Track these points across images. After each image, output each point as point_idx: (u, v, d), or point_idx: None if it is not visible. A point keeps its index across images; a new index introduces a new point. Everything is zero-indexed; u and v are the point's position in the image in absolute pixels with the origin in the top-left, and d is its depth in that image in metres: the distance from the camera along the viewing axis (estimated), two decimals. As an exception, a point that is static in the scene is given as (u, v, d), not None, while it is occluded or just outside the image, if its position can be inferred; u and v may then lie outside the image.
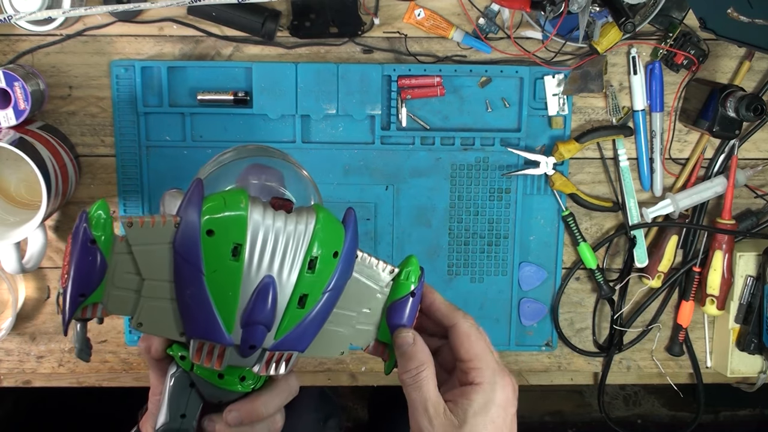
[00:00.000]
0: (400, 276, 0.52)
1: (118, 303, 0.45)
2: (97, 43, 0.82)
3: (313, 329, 0.49)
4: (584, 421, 1.77)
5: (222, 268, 0.45)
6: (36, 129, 0.80)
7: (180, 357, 0.48)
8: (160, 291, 0.45)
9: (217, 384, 0.48)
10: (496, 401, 0.50)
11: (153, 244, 0.45)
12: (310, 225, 0.46)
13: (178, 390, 0.48)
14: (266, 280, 0.45)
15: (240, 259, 0.45)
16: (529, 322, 0.90)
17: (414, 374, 0.50)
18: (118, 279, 0.45)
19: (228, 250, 0.45)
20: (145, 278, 0.45)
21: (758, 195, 0.89)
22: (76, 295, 0.43)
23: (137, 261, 0.45)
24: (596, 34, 0.81)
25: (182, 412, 0.48)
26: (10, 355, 0.89)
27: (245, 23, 0.80)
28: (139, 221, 0.44)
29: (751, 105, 0.79)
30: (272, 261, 0.45)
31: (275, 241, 0.45)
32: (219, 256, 0.45)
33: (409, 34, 0.83)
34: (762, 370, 0.90)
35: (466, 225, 0.87)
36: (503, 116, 0.86)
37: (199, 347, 0.46)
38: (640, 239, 0.88)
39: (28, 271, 0.80)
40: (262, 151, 0.58)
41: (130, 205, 0.84)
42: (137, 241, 0.45)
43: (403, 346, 0.51)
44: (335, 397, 1.21)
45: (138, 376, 0.90)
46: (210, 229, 0.45)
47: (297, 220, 0.46)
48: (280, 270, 0.46)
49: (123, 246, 0.45)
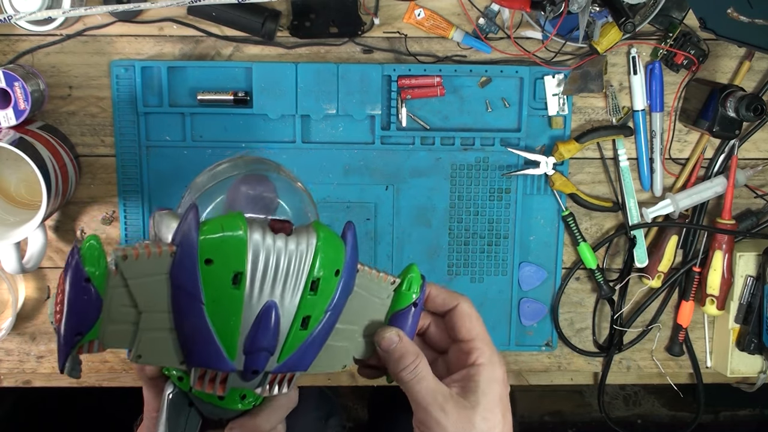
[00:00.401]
0: (401, 286, 0.52)
1: (116, 337, 0.44)
2: (97, 43, 0.82)
3: (316, 348, 0.48)
4: (584, 421, 1.77)
5: (222, 297, 0.44)
6: (36, 129, 0.80)
7: (177, 378, 0.47)
8: (158, 322, 0.44)
9: (218, 404, 0.47)
10: (498, 378, 0.50)
11: (149, 276, 0.43)
12: (311, 246, 0.45)
13: (176, 409, 0.48)
14: (268, 306, 0.44)
15: (241, 287, 0.44)
16: (529, 322, 0.90)
17: (412, 369, 0.49)
18: (114, 313, 0.43)
19: (228, 278, 0.43)
20: (142, 311, 0.44)
21: (758, 195, 0.89)
22: (72, 334, 0.42)
23: (133, 294, 0.43)
24: (596, 34, 0.81)
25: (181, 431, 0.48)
26: (10, 355, 0.89)
27: (245, 23, 0.80)
28: (133, 253, 0.43)
29: (751, 105, 0.79)
30: (274, 286, 0.44)
31: (276, 266, 0.44)
32: (219, 285, 0.43)
33: (409, 34, 0.83)
34: (762, 370, 0.90)
35: (466, 225, 0.87)
36: (503, 116, 0.86)
37: (201, 375, 0.45)
38: (640, 239, 0.88)
39: (28, 271, 0.80)
40: (257, 163, 0.57)
41: (130, 205, 0.84)
42: (132, 274, 0.43)
43: (390, 345, 0.50)
44: (335, 397, 1.21)
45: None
46: (208, 258, 0.43)
47: (297, 241, 0.45)
48: (282, 294, 0.45)
49: (118, 280, 0.43)
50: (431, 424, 0.48)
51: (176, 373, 0.47)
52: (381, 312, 0.52)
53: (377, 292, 0.51)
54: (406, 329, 0.52)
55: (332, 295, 0.47)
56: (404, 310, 0.52)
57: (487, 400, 0.49)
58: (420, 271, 0.53)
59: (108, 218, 0.86)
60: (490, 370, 0.50)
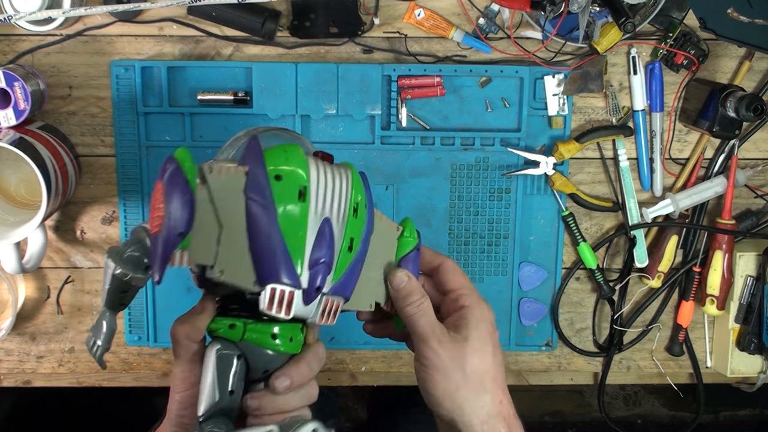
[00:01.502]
0: (404, 233, 0.58)
1: (202, 250, 0.45)
2: (97, 43, 0.82)
3: (356, 276, 0.52)
4: (584, 421, 1.77)
5: (291, 210, 0.47)
6: (36, 129, 0.80)
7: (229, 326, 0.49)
8: (236, 241, 0.46)
9: (271, 346, 0.49)
10: (486, 318, 0.56)
11: (230, 191, 0.46)
12: (348, 175, 0.50)
13: (224, 365, 0.48)
14: (325, 220, 0.48)
15: (306, 200, 0.47)
16: (529, 322, 0.90)
17: (418, 304, 0.55)
18: (199, 226, 0.45)
19: (295, 192, 0.47)
20: (223, 225, 0.46)
21: (758, 195, 0.89)
22: (175, 234, 0.44)
23: (217, 207, 0.46)
24: (596, 34, 0.81)
25: (231, 389, 0.48)
26: (10, 355, 0.89)
27: (245, 23, 0.80)
28: (217, 168, 0.46)
29: (751, 105, 0.79)
30: (329, 205, 0.49)
31: (327, 187, 0.49)
32: (288, 198, 0.47)
33: (409, 34, 0.83)
34: (762, 370, 0.90)
35: (466, 225, 0.87)
36: (503, 116, 0.86)
37: (271, 295, 0.47)
38: (640, 239, 0.88)
39: (28, 271, 0.80)
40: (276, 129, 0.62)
41: (130, 205, 0.84)
42: (217, 186, 0.46)
43: (401, 283, 0.56)
44: (335, 397, 1.21)
45: (138, 376, 0.90)
46: (278, 174, 0.47)
47: (339, 170, 0.50)
48: (334, 213, 0.49)
49: (205, 192, 0.45)
50: (429, 355, 0.54)
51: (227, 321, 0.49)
52: (390, 255, 0.57)
53: (388, 236, 0.56)
54: (411, 270, 0.57)
55: (365, 222, 0.52)
56: (410, 253, 0.58)
57: (476, 335, 0.55)
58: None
59: (108, 218, 0.86)
60: (478, 310, 0.56)
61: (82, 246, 0.86)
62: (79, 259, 0.87)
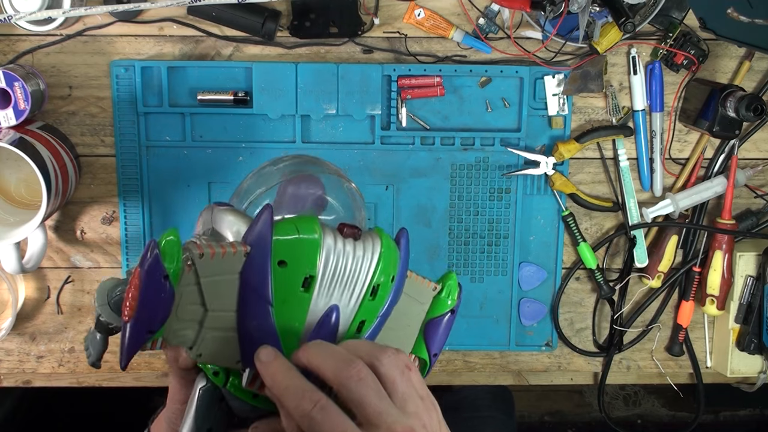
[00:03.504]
0: (441, 293, 0.53)
1: (180, 335, 0.43)
2: (97, 43, 0.82)
3: None
4: (584, 421, 1.77)
5: (291, 300, 0.44)
6: (36, 129, 0.80)
7: (213, 373, 0.47)
8: (222, 322, 0.44)
9: (251, 402, 0.47)
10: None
11: (221, 275, 0.43)
12: (376, 252, 0.46)
13: (206, 404, 0.47)
14: (331, 309, 0.45)
15: (310, 290, 0.44)
16: (529, 322, 0.90)
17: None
18: (182, 311, 0.43)
19: (299, 281, 0.44)
20: (209, 309, 0.43)
21: (758, 195, 0.89)
22: (144, 332, 0.41)
23: (204, 293, 0.43)
24: (596, 34, 0.81)
25: (209, 427, 0.47)
26: (10, 355, 0.89)
27: (245, 23, 0.80)
28: (210, 252, 0.42)
29: (751, 105, 0.79)
30: (338, 290, 0.45)
31: (344, 270, 0.45)
32: (289, 287, 0.43)
33: (409, 34, 0.83)
34: (762, 370, 0.90)
35: (466, 225, 0.87)
36: (503, 116, 0.86)
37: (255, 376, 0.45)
38: (640, 239, 0.88)
39: (28, 271, 0.80)
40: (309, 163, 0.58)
41: (129, 205, 0.84)
42: (206, 272, 0.42)
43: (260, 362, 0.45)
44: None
45: (138, 376, 0.90)
46: (282, 259, 0.43)
47: (364, 247, 0.46)
48: (344, 300, 0.45)
49: (191, 277, 0.42)
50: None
51: (212, 368, 0.46)
52: (420, 317, 0.53)
53: (420, 297, 0.52)
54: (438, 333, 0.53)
55: (385, 301, 0.47)
56: (441, 316, 0.53)
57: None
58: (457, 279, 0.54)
59: (108, 218, 0.86)
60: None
61: (82, 246, 0.86)
62: (79, 259, 0.87)
